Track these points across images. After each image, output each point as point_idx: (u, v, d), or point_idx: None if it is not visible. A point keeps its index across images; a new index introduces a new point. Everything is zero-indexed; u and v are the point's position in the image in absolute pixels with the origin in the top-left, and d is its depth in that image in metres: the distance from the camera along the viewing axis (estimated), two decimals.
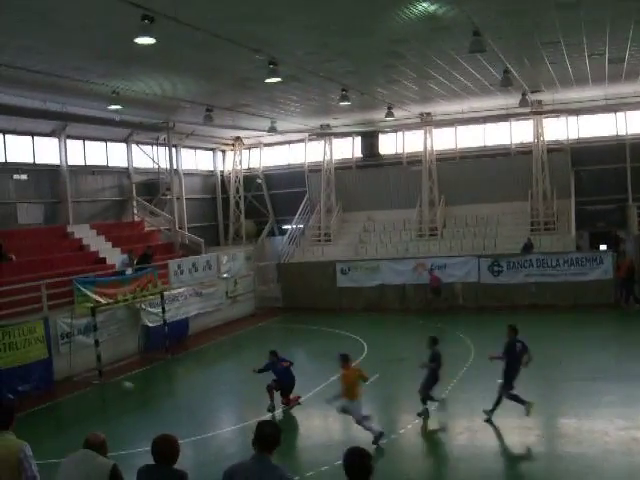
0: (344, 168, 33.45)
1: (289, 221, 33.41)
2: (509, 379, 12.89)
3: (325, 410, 14.47)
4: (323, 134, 32.41)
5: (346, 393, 12.22)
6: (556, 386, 15.75)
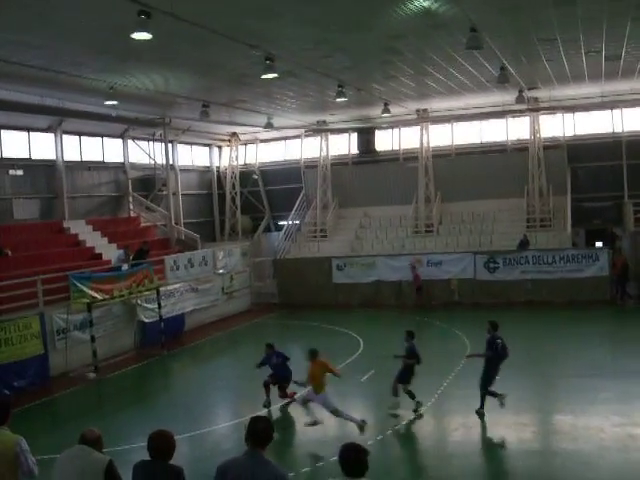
0: (340, 164, 33.44)
1: (285, 217, 33.39)
2: (490, 376, 12.99)
3: (321, 406, 14.51)
4: (319, 130, 32.38)
5: (312, 386, 12.56)
6: (552, 382, 15.80)
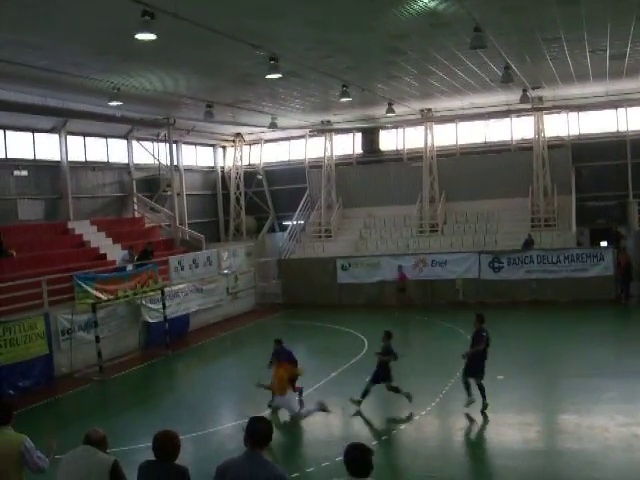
0: (345, 164, 33.44)
1: (289, 217, 33.41)
2: (480, 368, 13.20)
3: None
4: (324, 130, 32.40)
5: (276, 388, 12.52)
6: (556, 382, 15.78)
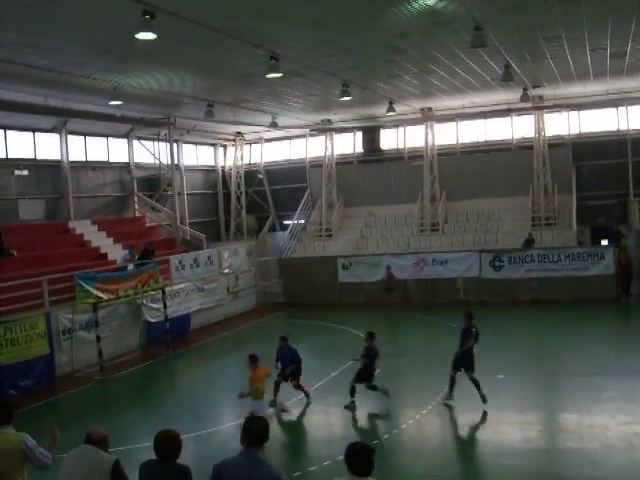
0: (345, 163, 33.44)
1: (290, 216, 33.40)
2: (470, 362, 13.51)
3: (326, 405, 14.54)
4: (324, 129, 32.39)
5: (253, 392, 12.33)
6: (557, 381, 15.79)
